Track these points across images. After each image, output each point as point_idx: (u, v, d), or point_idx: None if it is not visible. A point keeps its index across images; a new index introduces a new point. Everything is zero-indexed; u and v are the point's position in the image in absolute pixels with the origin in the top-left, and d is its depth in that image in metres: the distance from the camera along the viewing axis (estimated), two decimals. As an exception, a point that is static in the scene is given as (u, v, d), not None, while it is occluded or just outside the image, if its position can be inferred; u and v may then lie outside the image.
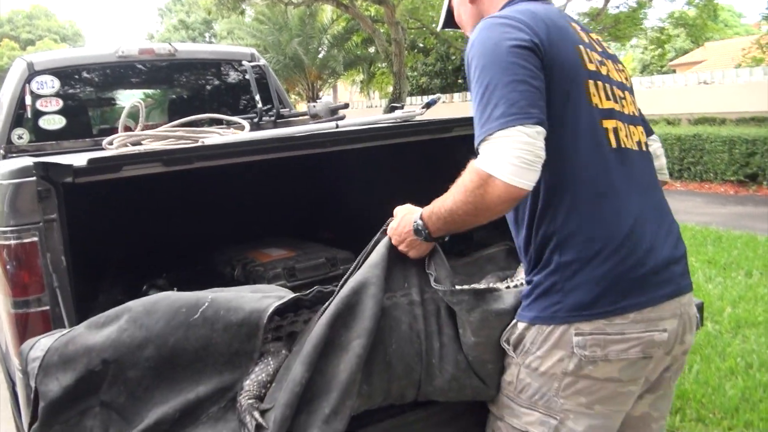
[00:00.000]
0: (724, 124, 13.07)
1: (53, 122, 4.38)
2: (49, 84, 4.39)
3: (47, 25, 60.75)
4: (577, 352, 1.58)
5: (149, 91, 5.51)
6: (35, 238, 2.14)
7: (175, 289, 2.95)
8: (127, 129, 3.17)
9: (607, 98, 1.68)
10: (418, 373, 1.79)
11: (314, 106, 3.90)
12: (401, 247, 1.80)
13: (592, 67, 1.68)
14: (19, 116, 4.26)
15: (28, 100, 4.29)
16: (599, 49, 1.78)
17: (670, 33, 24.51)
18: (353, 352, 1.68)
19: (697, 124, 13.63)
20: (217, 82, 5.12)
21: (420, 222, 1.71)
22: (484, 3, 1.88)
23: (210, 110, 4.45)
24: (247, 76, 4.66)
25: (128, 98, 4.94)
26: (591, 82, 1.65)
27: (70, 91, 4.63)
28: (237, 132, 2.77)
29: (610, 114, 1.67)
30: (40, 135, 4.29)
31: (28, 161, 2.14)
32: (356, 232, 1.95)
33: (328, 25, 25.11)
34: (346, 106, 3.91)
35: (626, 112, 1.74)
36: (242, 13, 22.09)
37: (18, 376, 2.22)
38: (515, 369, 1.71)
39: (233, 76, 5.00)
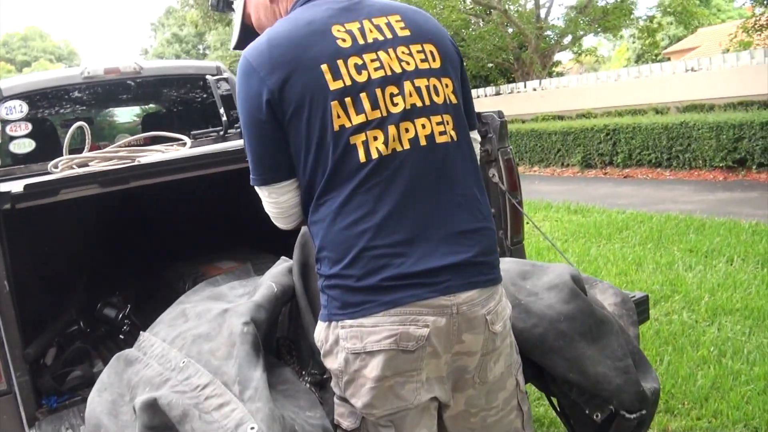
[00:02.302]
0: (713, 111, 13.02)
1: (23, 146, 4.39)
2: (18, 108, 4.41)
3: (42, 45, 61.11)
4: (342, 345, 1.66)
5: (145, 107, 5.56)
6: (-26, 265, 2.18)
7: (129, 306, 3.01)
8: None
9: (359, 111, 1.64)
10: None
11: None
12: None
13: (338, 84, 1.64)
14: (-11, 142, 4.29)
15: (-3, 125, 4.32)
16: (383, 37, 1.72)
17: (661, 21, 24.53)
18: None
19: (686, 111, 13.60)
20: (185, 97, 5.15)
21: None
22: (281, 2, 1.86)
23: (180, 124, 4.48)
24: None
25: (96, 118, 4.98)
26: (336, 103, 1.63)
27: (39, 114, 4.66)
28: (179, 149, 2.80)
29: (361, 128, 1.64)
30: (11, 159, 4.31)
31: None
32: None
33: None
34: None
35: (399, 110, 1.67)
36: (229, 23, 22.15)
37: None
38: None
39: (200, 90, 5.04)
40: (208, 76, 4.72)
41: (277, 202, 1.76)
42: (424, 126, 1.70)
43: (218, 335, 1.87)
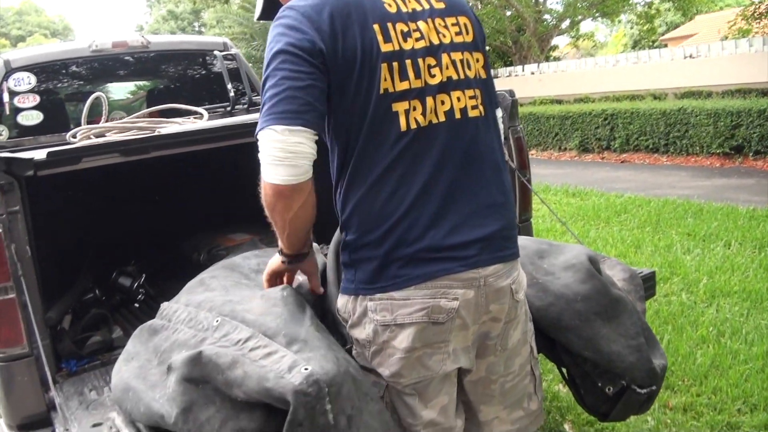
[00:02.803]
0: (711, 97, 13.06)
1: (31, 118, 4.40)
2: (26, 80, 4.41)
3: (37, 20, 60.70)
4: (371, 317, 1.70)
5: (140, 83, 5.56)
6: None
7: (144, 276, 3.05)
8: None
9: (404, 78, 1.65)
10: None
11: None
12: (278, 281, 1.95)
13: (388, 47, 1.64)
14: (-2, 113, 4.30)
15: (5, 97, 4.32)
16: (421, 7, 1.73)
17: (659, 7, 24.50)
18: None
19: (684, 98, 13.63)
20: (191, 72, 5.15)
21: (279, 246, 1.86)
22: None
23: (186, 99, 4.49)
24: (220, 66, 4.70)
25: (104, 91, 4.98)
26: (385, 65, 1.63)
27: (47, 86, 4.67)
28: (196, 121, 2.83)
29: (403, 95, 1.65)
30: (19, 131, 4.32)
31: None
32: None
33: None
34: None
35: (436, 81, 1.69)
36: (227, 1, 22.06)
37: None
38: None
39: (207, 66, 5.04)
40: (215, 52, 4.74)
41: (287, 141, 1.55)
42: (459, 99, 1.73)
43: (251, 300, 1.84)
